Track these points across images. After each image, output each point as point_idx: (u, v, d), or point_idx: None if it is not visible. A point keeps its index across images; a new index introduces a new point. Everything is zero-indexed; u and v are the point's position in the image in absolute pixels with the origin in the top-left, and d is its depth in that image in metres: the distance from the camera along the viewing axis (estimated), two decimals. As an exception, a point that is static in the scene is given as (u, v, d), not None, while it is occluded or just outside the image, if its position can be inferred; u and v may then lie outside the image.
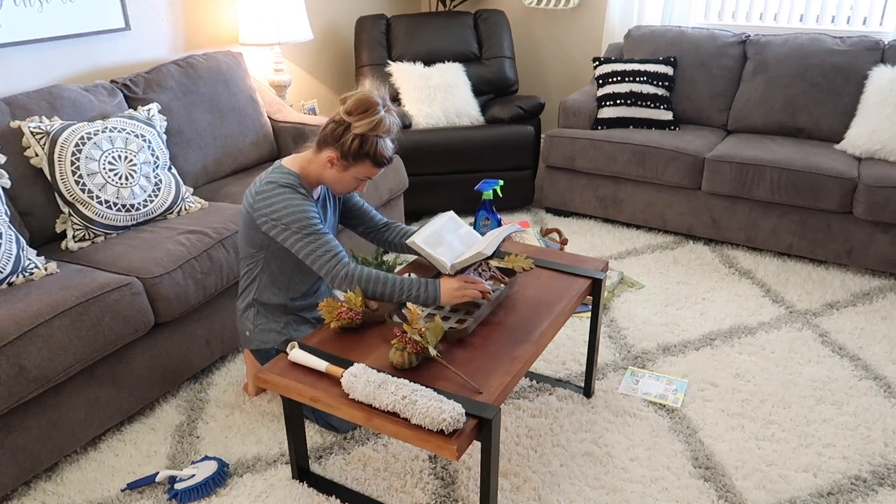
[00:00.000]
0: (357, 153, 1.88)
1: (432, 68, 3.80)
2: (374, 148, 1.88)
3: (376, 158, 1.90)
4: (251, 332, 2.09)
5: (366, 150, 1.88)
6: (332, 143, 1.90)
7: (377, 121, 1.86)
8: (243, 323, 2.11)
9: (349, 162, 1.90)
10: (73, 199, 2.30)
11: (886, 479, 1.93)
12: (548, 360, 2.47)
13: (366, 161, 1.90)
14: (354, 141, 1.87)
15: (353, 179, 1.95)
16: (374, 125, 1.86)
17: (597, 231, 3.53)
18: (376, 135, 1.87)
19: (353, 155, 1.89)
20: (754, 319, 2.71)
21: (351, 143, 1.87)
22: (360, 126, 1.86)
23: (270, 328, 2.08)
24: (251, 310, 2.08)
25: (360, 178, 1.96)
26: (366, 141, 1.87)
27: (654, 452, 2.04)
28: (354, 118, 1.87)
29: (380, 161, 1.92)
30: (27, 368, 1.80)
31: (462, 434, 1.46)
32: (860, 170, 2.96)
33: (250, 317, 2.09)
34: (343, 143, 1.88)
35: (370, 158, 1.90)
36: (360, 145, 1.87)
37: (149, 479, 1.95)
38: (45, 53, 2.66)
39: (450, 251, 1.96)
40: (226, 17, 3.39)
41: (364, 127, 1.85)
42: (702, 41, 3.59)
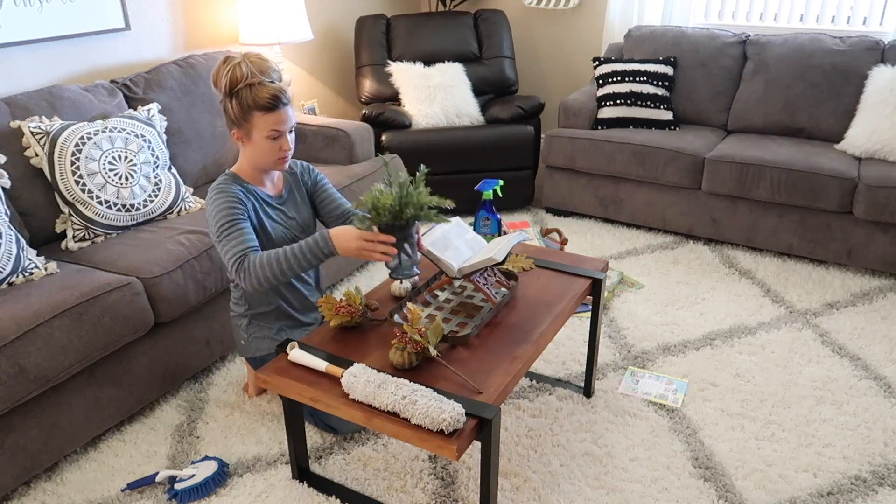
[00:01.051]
0: (240, 113, 1.84)
1: (432, 68, 3.80)
2: (249, 97, 1.82)
3: (258, 104, 1.82)
4: (245, 342, 2.09)
5: (244, 103, 1.83)
6: (227, 123, 1.90)
7: (230, 70, 1.82)
8: (237, 332, 2.11)
9: (243, 125, 1.86)
10: (73, 199, 2.30)
11: (886, 479, 1.93)
12: (548, 360, 2.47)
13: (253, 113, 1.84)
14: (231, 104, 1.84)
15: (265, 142, 1.87)
16: (231, 78, 1.82)
17: (597, 231, 3.53)
18: (246, 84, 1.82)
19: (239, 118, 1.85)
20: (754, 319, 2.71)
21: (231, 108, 1.85)
22: (222, 88, 1.84)
23: (264, 335, 2.07)
24: (243, 319, 2.08)
25: (269, 136, 1.87)
26: (239, 95, 1.83)
27: (654, 452, 2.04)
28: (218, 88, 1.86)
29: (264, 105, 1.83)
30: (27, 368, 1.80)
31: (462, 434, 1.46)
32: (860, 170, 2.96)
33: (243, 326, 2.08)
34: (228, 113, 1.86)
35: (254, 108, 1.83)
36: (238, 105, 1.83)
37: (149, 479, 1.95)
38: (45, 53, 2.66)
39: (457, 255, 1.96)
40: (226, 17, 3.39)
41: (224, 86, 1.83)
42: (702, 41, 3.59)
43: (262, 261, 1.80)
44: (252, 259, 1.81)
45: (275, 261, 1.80)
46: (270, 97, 1.82)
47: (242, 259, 1.81)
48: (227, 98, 1.84)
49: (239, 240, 1.82)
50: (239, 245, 1.82)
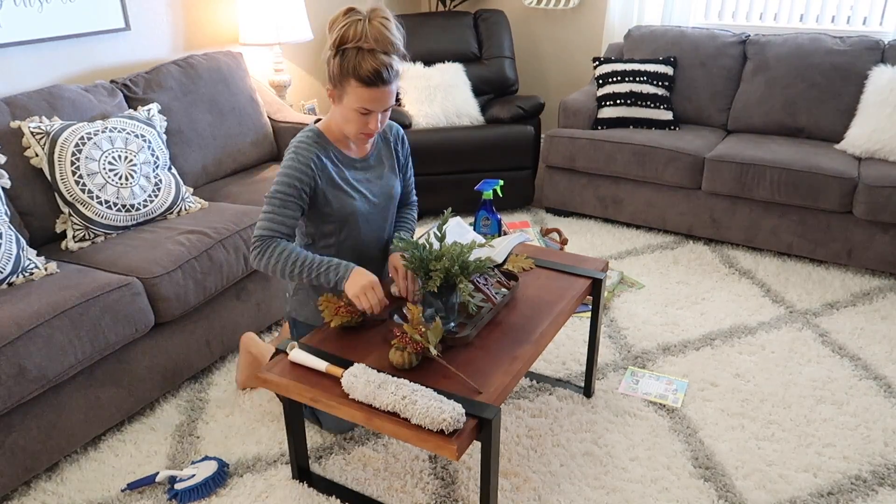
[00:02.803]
0: (339, 73, 1.69)
1: (432, 68, 3.80)
2: (352, 61, 1.66)
3: (358, 73, 1.66)
4: (289, 296, 2.04)
5: (345, 65, 1.67)
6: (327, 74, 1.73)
7: (346, 26, 1.65)
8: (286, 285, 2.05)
9: (338, 89, 1.72)
10: (73, 199, 2.30)
11: (886, 479, 1.93)
12: (548, 360, 2.47)
13: (350, 80, 1.68)
14: (334, 60, 1.69)
15: (353, 113, 1.74)
16: (343, 33, 1.66)
17: (597, 231, 3.53)
18: (354, 46, 1.65)
19: (336, 77, 1.70)
20: (754, 319, 2.71)
21: (331, 64, 1.70)
22: (331, 38, 1.67)
23: (307, 302, 2.01)
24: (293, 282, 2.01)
25: (358, 110, 1.73)
26: (344, 55, 1.66)
27: (654, 452, 2.04)
28: (330, 36, 1.69)
29: (363, 77, 1.66)
30: (27, 368, 1.80)
31: (462, 434, 1.46)
32: (860, 170, 2.96)
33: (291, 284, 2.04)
34: (329, 66, 1.71)
35: (353, 76, 1.67)
36: (340, 63, 1.67)
37: (149, 479, 1.95)
38: (45, 53, 2.66)
39: None
40: (226, 17, 3.39)
41: (335, 36, 1.66)
42: (702, 41, 3.59)
43: (280, 255, 1.76)
44: (272, 247, 1.77)
45: (290, 263, 1.76)
46: (373, 71, 1.66)
47: (266, 241, 1.78)
48: (331, 52, 1.69)
49: (276, 219, 1.77)
50: (272, 225, 1.78)
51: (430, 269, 1.73)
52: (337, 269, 1.77)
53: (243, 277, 2.45)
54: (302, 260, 1.77)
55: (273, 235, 1.79)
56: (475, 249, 2.03)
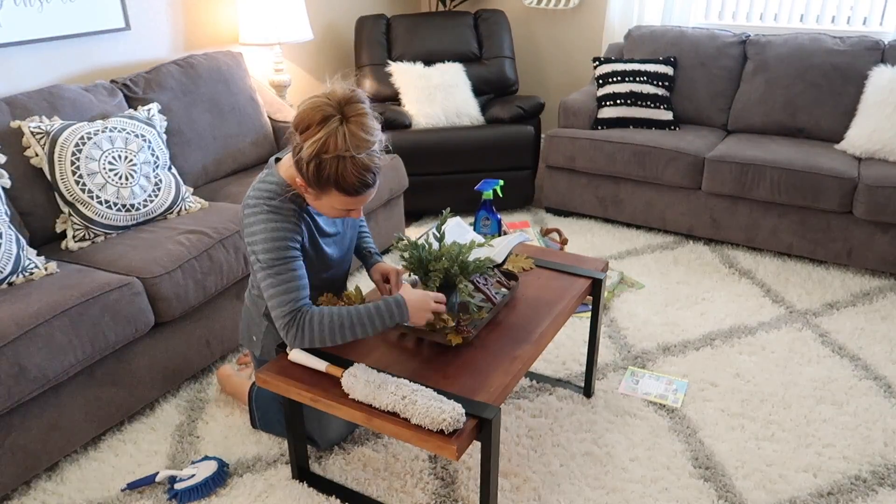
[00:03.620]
0: (318, 180, 1.51)
1: (432, 68, 3.80)
2: (335, 172, 1.49)
3: (341, 186, 1.51)
4: (258, 339, 1.93)
5: (324, 175, 1.50)
6: (296, 165, 1.54)
7: (324, 138, 1.47)
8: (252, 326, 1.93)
9: (316, 190, 1.55)
10: (73, 198, 2.30)
11: (886, 479, 1.93)
12: (548, 360, 2.47)
13: (331, 189, 1.53)
14: (309, 166, 1.50)
15: (332, 209, 1.60)
16: (322, 144, 1.47)
17: (597, 231, 3.53)
18: (334, 156, 1.48)
19: (314, 182, 1.52)
20: (754, 319, 2.71)
21: (307, 169, 1.50)
22: (308, 147, 1.48)
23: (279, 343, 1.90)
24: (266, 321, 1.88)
25: (338, 208, 1.59)
26: (322, 165, 1.49)
27: (654, 452, 2.04)
28: (302, 137, 1.50)
29: (348, 189, 1.52)
30: (27, 368, 1.80)
31: (462, 434, 1.46)
32: (860, 170, 2.96)
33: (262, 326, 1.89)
34: (300, 167, 1.52)
35: (335, 186, 1.52)
36: (316, 171, 1.50)
37: (149, 479, 1.95)
38: (45, 53, 2.66)
39: None
40: (226, 17, 3.39)
41: (311, 147, 1.48)
42: (702, 41, 3.59)
43: (323, 323, 1.60)
44: (308, 318, 1.60)
45: (338, 325, 1.60)
46: (358, 183, 1.51)
47: (296, 316, 1.61)
48: (305, 161, 1.50)
49: (293, 289, 1.60)
50: (294, 299, 1.60)
51: (429, 269, 1.73)
52: (391, 313, 1.64)
53: (243, 277, 2.45)
54: (348, 320, 1.61)
55: (299, 308, 1.61)
56: (475, 249, 2.03)
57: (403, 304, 1.66)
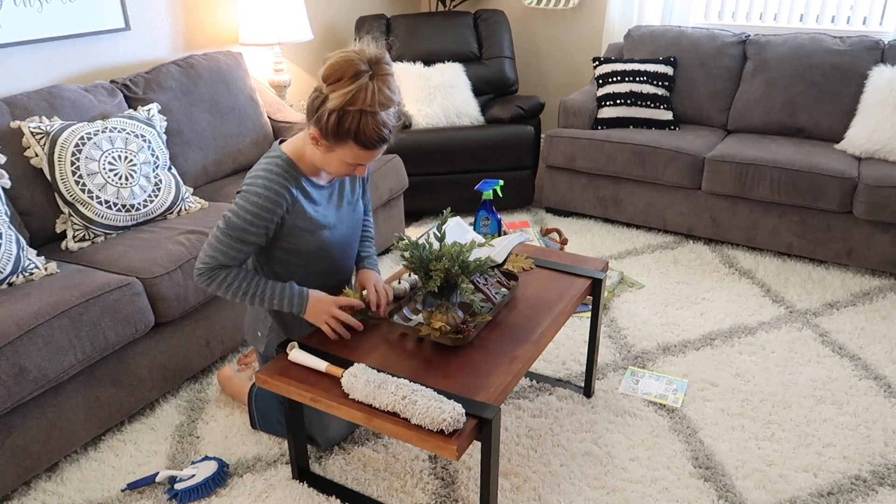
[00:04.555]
0: (336, 132, 1.56)
1: (432, 68, 3.80)
2: (356, 125, 1.54)
3: (360, 139, 1.56)
4: (263, 334, 1.95)
5: (345, 127, 1.54)
6: (312, 116, 1.59)
7: (354, 91, 1.51)
8: (256, 322, 1.96)
9: (331, 142, 1.59)
10: (73, 199, 2.30)
11: (886, 479, 1.93)
12: (548, 360, 2.47)
13: (348, 141, 1.57)
14: (331, 116, 1.54)
15: (341, 163, 1.64)
16: (351, 97, 1.52)
17: (597, 231, 3.53)
18: (359, 109, 1.53)
19: (332, 134, 1.57)
20: (754, 319, 2.71)
21: (328, 120, 1.55)
22: (335, 98, 1.53)
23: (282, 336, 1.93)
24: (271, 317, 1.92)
25: (349, 163, 1.64)
26: (345, 116, 1.53)
27: (654, 452, 2.04)
28: (329, 88, 1.54)
29: (366, 143, 1.57)
30: (27, 368, 1.80)
31: (462, 434, 1.46)
32: (860, 170, 2.96)
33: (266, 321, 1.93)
34: (320, 117, 1.56)
35: (353, 139, 1.56)
36: (337, 122, 1.54)
37: (149, 479, 1.95)
38: (45, 53, 2.66)
39: None
40: (226, 17, 3.39)
41: (339, 99, 1.52)
42: (702, 41, 3.59)
43: (234, 281, 1.72)
44: (226, 275, 1.72)
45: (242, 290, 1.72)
46: (376, 137, 1.57)
47: (216, 270, 1.72)
48: (329, 111, 1.55)
49: (230, 254, 1.70)
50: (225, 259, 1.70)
51: (430, 269, 1.73)
52: (291, 301, 1.75)
53: (243, 277, 2.44)
54: (254, 289, 1.73)
55: (220, 269, 1.72)
56: (475, 249, 2.03)
57: (306, 298, 1.75)
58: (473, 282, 1.91)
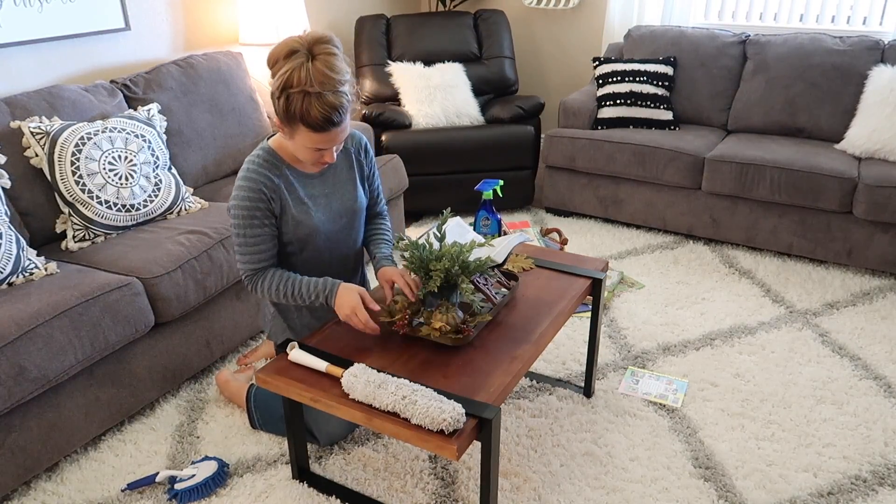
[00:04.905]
0: (286, 115, 1.59)
1: (432, 68, 3.80)
2: (301, 107, 1.55)
3: (307, 121, 1.57)
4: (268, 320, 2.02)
5: (292, 110, 1.57)
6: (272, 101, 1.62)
7: (289, 71, 1.54)
8: (264, 309, 2.04)
9: (286, 126, 1.63)
10: (73, 199, 2.30)
11: (886, 479, 1.93)
12: (548, 360, 2.47)
13: (299, 125, 1.59)
14: (280, 100, 1.57)
15: (305, 149, 1.67)
16: (287, 77, 1.54)
17: (597, 231, 3.53)
18: (300, 90, 1.54)
19: (283, 118, 1.61)
20: (754, 319, 2.71)
21: (277, 103, 1.59)
22: (275, 80, 1.56)
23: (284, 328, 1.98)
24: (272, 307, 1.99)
25: (310, 148, 1.65)
26: (289, 99, 1.56)
27: (654, 452, 2.04)
28: (272, 72, 1.58)
29: (314, 125, 1.57)
30: (27, 368, 1.80)
31: (462, 434, 1.46)
32: (860, 170, 2.96)
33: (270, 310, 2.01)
34: (273, 103, 1.61)
35: (301, 122, 1.58)
36: (285, 105, 1.57)
37: (149, 479, 1.95)
38: (45, 53, 2.66)
39: None
40: (226, 17, 3.39)
41: (278, 80, 1.56)
42: (702, 41, 3.59)
43: (272, 283, 1.79)
44: (264, 279, 1.80)
45: (284, 290, 1.79)
46: (322, 118, 1.57)
47: (254, 276, 1.81)
48: (276, 93, 1.59)
49: (256, 252, 1.77)
50: (255, 260, 1.78)
51: (430, 269, 1.73)
52: (324, 292, 1.78)
53: (243, 277, 2.44)
54: (292, 285, 1.79)
55: (258, 269, 1.80)
56: (475, 249, 2.03)
57: (335, 292, 1.77)
58: (473, 282, 1.91)
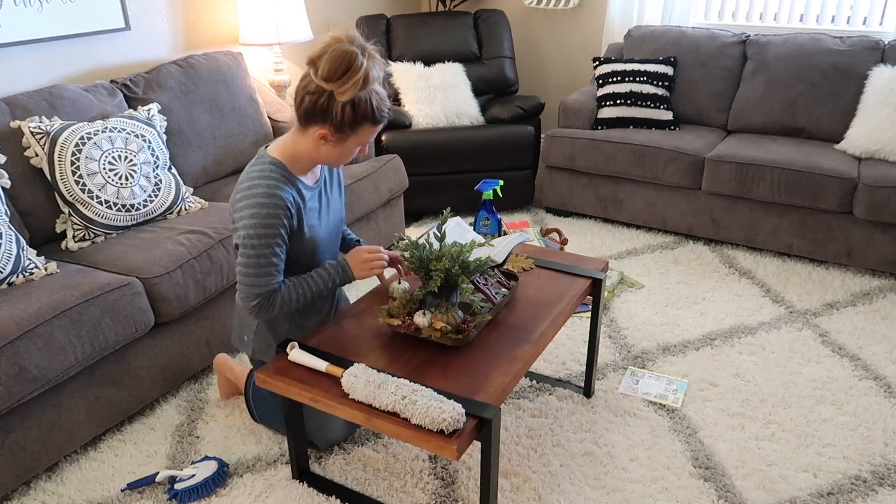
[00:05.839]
0: (353, 121, 1.65)
1: (432, 68, 3.80)
2: (370, 106, 1.64)
3: (376, 116, 1.67)
4: (249, 338, 1.97)
5: (362, 112, 1.64)
6: (318, 117, 1.65)
7: (362, 78, 1.60)
8: (241, 326, 1.99)
9: (346, 132, 1.67)
10: (73, 199, 2.30)
11: (886, 479, 1.93)
12: (548, 360, 2.47)
13: (364, 124, 1.67)
14: (346, 109, 1.62)
15: (353, 148, 1.74)
16: (362, 83, 1.60)
17: (597, 231, 3.53)
18: (367, 91, 1.63)
19: (349, 124, 1.65)
20: (754, 319, 2.71)
21: (342, 113, 1.63)
22: (347, 91, 1.60)
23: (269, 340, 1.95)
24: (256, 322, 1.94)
25: (361, 143, 1.74)
26: (359, 104, 1.62)
27: (654, 452, 2.04)
28: (336, 84, 1.60)
29: (379, 118, 1.68)
30: (27, 368, 1.80)
31: (462, 434, 1.46)
32: (860, 170, 2.96)
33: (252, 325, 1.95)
34: (333, 115, 1.63)
35: (369, 120, 1.66)
36: (353, 111, 1.63)
37: (149, 479, 1.95)
38: (45, 53, 2.66)
39: None
40: (226, 17, 3.39)
41: (352, 91, 1.60)
42: (702, 41, 3.59)
43: (288, 296, 1.78)
44: (279, 296, 1.76)
45: (301, 296, 1.80)
46: (387, 109, 1.69)
47: (268, 298, 1.75)
48: (339, 102, 1.62)
49: (267, 273, 1.73)
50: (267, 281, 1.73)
51: (430, 269, 1.73)
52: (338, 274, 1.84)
53: (243, 277, 2.44)
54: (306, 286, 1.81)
55: (272, 292, 1.76)
56: (475, 249, 2.03)
57: (346, 264, 1.84)
58: (473, 282, 1.90)
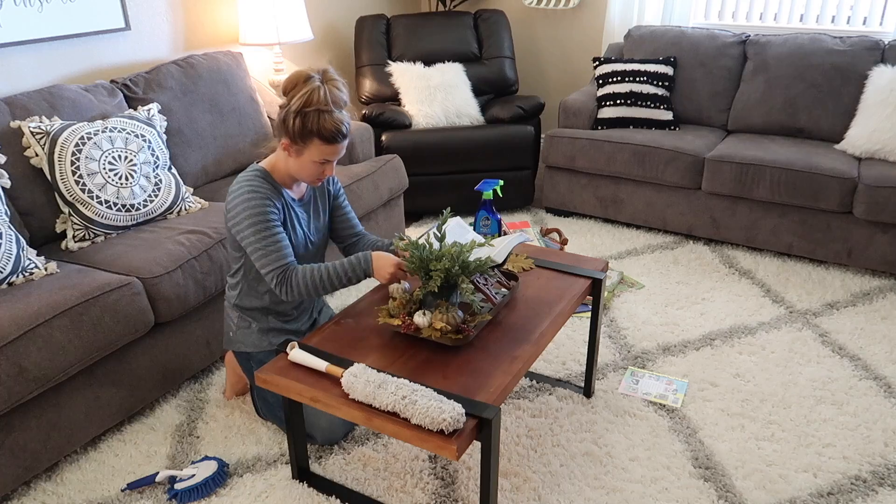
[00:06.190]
0: (302, 132, 1.80)
1: (432, 68, 3.80)
2: (317, 122, 1.78)
3: (322, 133, 1.80)
4: (233, 333, 2.07)
5: (308, 126, 1.79)
6: (281, 128, 1.84)
7: (309, 92, 1.77)
8: (227, 322, 2.09)
9: (299, 144, 1.82)
10: (73, 199, 2.30)
11: (886, 479, 1.93)
12: (548, 360, 2.47)
13: (314, 139, 1.81)
14: (296, 119, 1.79)
15: (311, 163, 1.86)
16: (307, 98, 1.77)
17: (597, 231, 3.53)
18: (316, 109, 1.78)
19: (299, 135, 1.81)
20: (754, 319, 2.71)
21: (293, 123, 1.79)
22: (295, 102, 1.78)
23: (250, 329, 2.05)
24: (235, 312, 2.06)
25: (317, 161, 1.85)
26: (306, 117, 1.78)
27: (654, 452, 2.04)
28: (289, 96, 1.81)
29: (328, 136, 1.80)
30: (27, 368, 1.80)
31: (462, 434, 1.46)
32: (860, 170, 2.96)
33: (234, 318, 2.06)
34: (287, 124, 1.81)
35: (317, 135, 1.80)
36: (301, 123, 1.79)
37: (149, 479, 1.95)
38: (45, 53, 2.66)
39: None
40: (226, 17, 3.39)
41: (298, 101, 1.78)
42: (702, 41, 3.59)
43: (305, 277, 1.85)
44: (295, 274, 1.84)
45: (318, 278, 1.85)
46: (335, 130, 1.81)
47: (284, 273, 1.84)
48: (293, 114, 1.79)
49: (277, 250, 1.84)
50: (279, 258, 1.84)
51: (430, 269, 1.73)
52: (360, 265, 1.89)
53: (243, 277, 2.44)
54: (326, 274, 1.86)
55: (287, 267, 1.85)
56: (475, 249, 2.03)
57: (370, 259, 1.89)
58: (473, 282, 1.91)
